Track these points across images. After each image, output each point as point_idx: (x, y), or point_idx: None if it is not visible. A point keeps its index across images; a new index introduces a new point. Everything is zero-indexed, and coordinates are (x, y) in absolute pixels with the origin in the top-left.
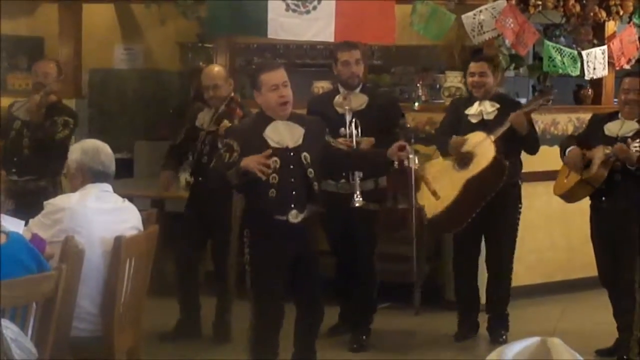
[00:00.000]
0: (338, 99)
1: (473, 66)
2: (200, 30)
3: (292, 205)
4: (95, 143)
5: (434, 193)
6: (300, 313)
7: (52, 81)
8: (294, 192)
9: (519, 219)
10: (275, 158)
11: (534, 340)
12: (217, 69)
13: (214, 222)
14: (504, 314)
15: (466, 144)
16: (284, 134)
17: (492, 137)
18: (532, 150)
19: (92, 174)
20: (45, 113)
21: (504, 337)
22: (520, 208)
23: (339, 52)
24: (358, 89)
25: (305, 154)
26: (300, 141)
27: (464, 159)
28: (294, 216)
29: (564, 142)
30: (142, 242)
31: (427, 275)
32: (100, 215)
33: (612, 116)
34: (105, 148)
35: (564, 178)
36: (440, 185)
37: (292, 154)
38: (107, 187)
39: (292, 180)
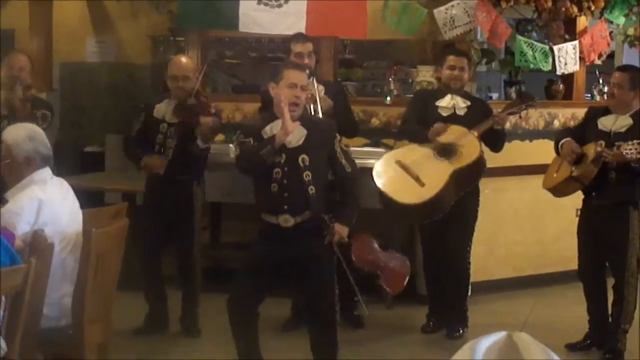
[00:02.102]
0: None
1: (453, 59)
2: (172, 24)
3: (285, 208)
4: (34, 128)
5: (417, 179)
6: (309, 319)
7: (27, 75)
8: (286, 194)
9: (477, 213)
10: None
11: (500, 336)
12: (185, 59)
13: (177, 215)
14: (462, 308)
15: (447, 133)
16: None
17: (476, 133)
18: (498, 149)
19: (41, 159)
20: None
21: (460, 332)
22: (479, 203)
23: (292, 44)
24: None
25: (304, 156)
26: (301, 142)
27: (445, 149)
28: (285, 221)
29: (559, 135)
30: (112, 236)
31: None
32: (63, 202)
33: (607, 110)
34: (39, 129)
35: (554, 172)
36: (423, 172)
37: (286, 155)
38: (49, 171)
39: (285, 181)
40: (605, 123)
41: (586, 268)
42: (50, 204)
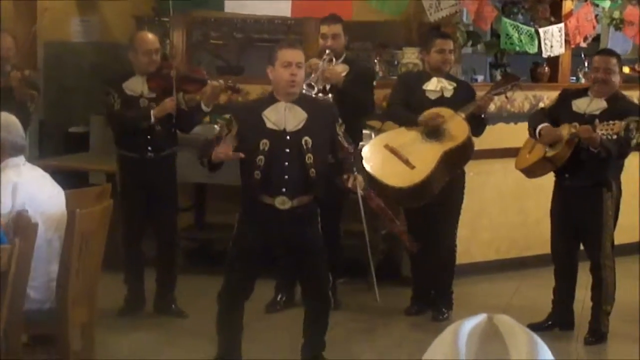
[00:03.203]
0: None
1: (442, 42)
2: (156, 3)
3: (283, 190)
4: (9, 117)
5: (407, 162)
6: (305, 303)
7: (14, 55)
8: (286, 177)
9: (463, 196)
10: (265, 140)
11: (481, 318)
12: (151, 35)
13: (158, 196)
14: (447, 291)
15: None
16: (283, 115)
17: (463, 115)
18: (479, 132)
19: (12, 149)
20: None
21: (446, 315)
22: (465, 185)
23: (321, 25)
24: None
25: (306, 138)
26: (300, 126)
27: (433, 131)
28: (281, 202)
29: (533, 117)
30: (96, 217)
31: (384, 251)
32: (38, 184)
33: (581, 92)
34: (15, 119)
35: (526, 153)
36: (413, 155)
37: (289, 137)
38: (23, 158)
39: (286, 164)
40: (580, 105)
41: (559, 249)
42: (26, 186)
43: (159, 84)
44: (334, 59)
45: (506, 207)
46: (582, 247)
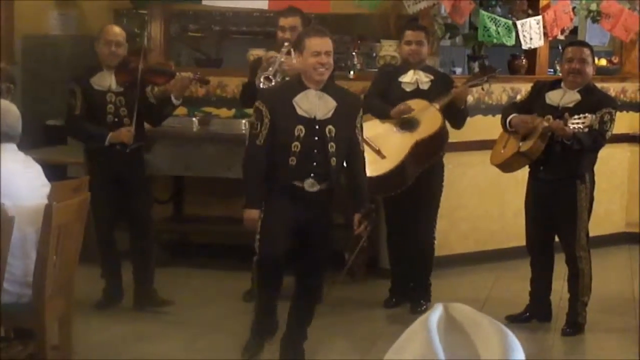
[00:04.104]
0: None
1: (410, 34)
2: None
3: (312, 175)
4: (8, 105)
5: (379, 152)
6: (299, 289)
7: None
8: (314, 163)
9: (442, 188)
10: (300, 126)
11: (440, 310)
12: (117, 28)
13: (128, 190)
14: (426, 283)
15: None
16: (314, 103)
17: (437, 106)
18: (460, 125)
19: (6, 137)
20: None
21: (424, 307)
22: (444, 178)
23: (279, 17)
24: None
25: (330, 127)
26: (330, 114)
27: (406, 123)
28: (310, 185)
29: (505, 110)
30: (73, 210)
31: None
32: (22, 176)
33: (555, 84)
34: (12, 107)
35: (501, 148)
36: (385, 145)
37: (317, 126)
38: (14, 146)
39: (315, 151)
40: (553, 98)
41: (534, 241)
42: (9, 177)
43: (126, 77)
44: (292, 52)
45: (484, 199)
46: (557, 239)
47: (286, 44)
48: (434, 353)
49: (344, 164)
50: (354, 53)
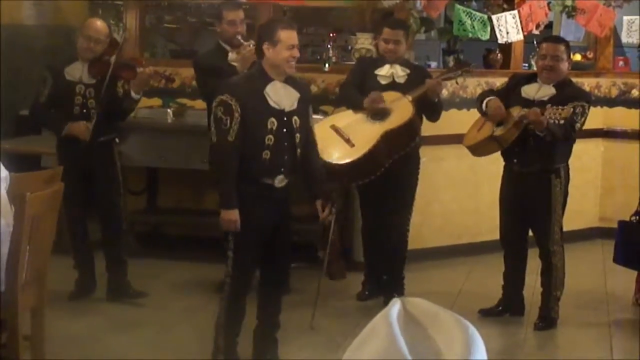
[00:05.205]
0: (231, 54)
1: (388, 32)
2: None
3: (282, 170)
4: None
5: (348, 140)
6: (265, 286)
7: None
8: (285, 157)
9: (417, 181)
10: (272, 118)
11: (398, 305)
12: (100, 23)
13: (100, 178)
14: (399, 277)
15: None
16: (281, 95)
17: (410, 97)
18: (435, 117)
19: None
20: None
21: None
22: (419, 171)
23: (224, 11)
24: None
25: (295, 117)
26: (295, 105)
27: (378, 113)
28: (280, 181)
29: (482, 94)
30: (46, 200)
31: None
32: None
33: (531, 78)
34: None
35: (475, 130)
36: (354, 134)
37: (285, 117)
38: None
39: (286, 144)
40: (529, 91)
41: (508, 235)
42: None
43: (99, 70)
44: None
45: (458, 193)
46: (531, 233)
47: (239, 37)
48: (396, 347)
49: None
50: (329, 46)
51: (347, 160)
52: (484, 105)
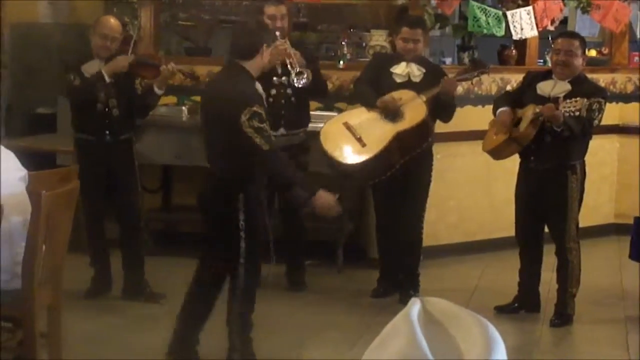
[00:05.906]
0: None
1: (407, 32)
2: None
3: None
4: None
5: (359, 140)
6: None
7: None
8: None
9: (431, 178)
10: None
11: (418, 305)
12: (114, 20)
13: (117, 180)
14: (414, 274)
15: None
16: None
17: (423, 98)
18: (448, 118)
19: None
20: None
21: (413, 297)
22: (432, 168)
23: (265, 7)
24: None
25: None
26: None
27: (391, 113)
28: None
29: (498, 99)
30: (62, 199)
31: (350, 233)
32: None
33: (546, 75)
34: None
35: (492, 134)
36: (366, 133)
37: None
38: None
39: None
40: (544, 88)
41: (523, 231)
42: None
43: (140, 64)
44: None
45: (473, 190)
46: (546, 230)
47: (277, 33)
48: (418, 347)
49: None
50: (343, 43)
51: (358, 161)
52: (497, 114)
